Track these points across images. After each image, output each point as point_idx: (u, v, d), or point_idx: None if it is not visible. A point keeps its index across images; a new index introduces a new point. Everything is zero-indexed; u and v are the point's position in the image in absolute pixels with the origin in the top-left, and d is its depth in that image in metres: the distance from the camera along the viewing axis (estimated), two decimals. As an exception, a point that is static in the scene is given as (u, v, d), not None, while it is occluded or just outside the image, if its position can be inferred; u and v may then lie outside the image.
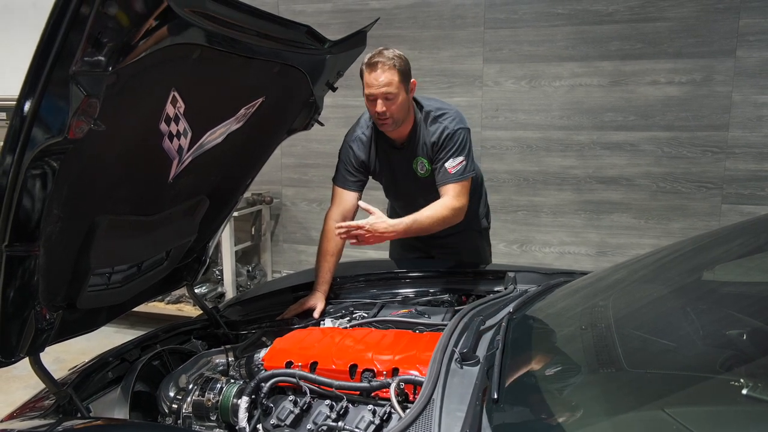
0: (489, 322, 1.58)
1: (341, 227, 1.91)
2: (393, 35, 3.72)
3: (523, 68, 3.55)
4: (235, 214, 3.65)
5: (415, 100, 2.17)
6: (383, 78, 1.99)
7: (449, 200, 2.08)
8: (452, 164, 2.09)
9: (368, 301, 2.14)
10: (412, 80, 2.08)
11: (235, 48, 1.34)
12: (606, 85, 3.42)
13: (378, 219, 1.91)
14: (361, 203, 1.92)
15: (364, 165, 2.22)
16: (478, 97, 3.65)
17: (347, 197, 2.21)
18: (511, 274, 2.14)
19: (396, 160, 2.23)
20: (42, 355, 1.36)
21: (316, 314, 2.01)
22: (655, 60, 3.32)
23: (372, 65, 2.01)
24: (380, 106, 2.02)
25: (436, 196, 2.16)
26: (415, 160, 2.19)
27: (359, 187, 2.23)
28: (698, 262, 1.64)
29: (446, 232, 2.11)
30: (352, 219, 2.23)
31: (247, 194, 3.72)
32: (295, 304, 2.07)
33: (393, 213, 2.64)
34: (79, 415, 1.42)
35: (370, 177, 2.31)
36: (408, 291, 2.24)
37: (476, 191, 2.48)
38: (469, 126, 2.17)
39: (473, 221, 2.49)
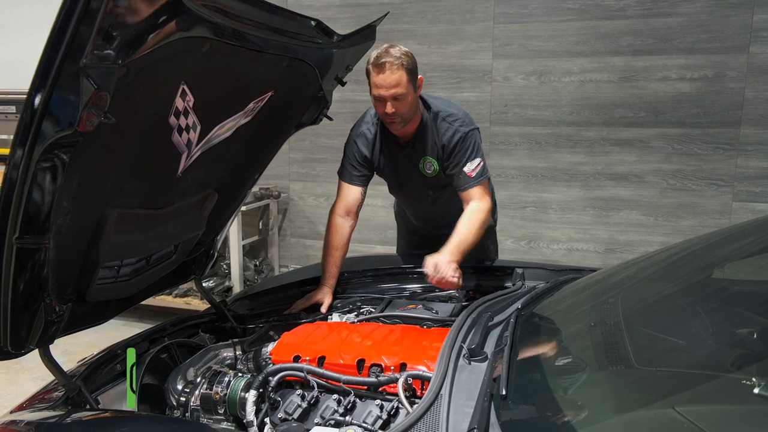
0: (497, 318, 1.58)
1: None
2: (402, 30, 3.71)
3: (532, 63, 3.53)
4: (243, 208, 3.66)
5: (421, 98, 2.14)
6: (392, 79, 1.94)
7: (479, 204, 2.07)
8: (471, 168, 2.08)
9: (376, 296, 2.14)
10: (419, 77, 2.05)
11: (244, 42, 1.34)
12: (616, 81, 3.39)
13: (437, 266, 1.86)
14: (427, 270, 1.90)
15: (368, 161, 2.21)
16: (487, 92, 3.64)
17: (352, 192, 2.21)
18: (519, 271, 2.14)
19: (400, 159, 2.21)
20: (51, 347, 1.37)
21: (323, 309, 2.02)
22: (667, 56, 3.29)
23: (380, 66, 1.94)
24: (389, 108, 1.98)
25: (441, 195, 2.14)
26: (422, 159, 2.17)
27: (364, 182, 2.23)
28: (708, 260, 1.63)
29: (451, 230, 2.09)
30: (357, 213, 2.22)
31: (255, 189, 3.71)
32: (302, 299, 2.07)
33: (399, 209, 2.64)
34: (87, 406, 1.43)
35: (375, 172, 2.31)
36: (415, 286, 2.23)
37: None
38: (477, 125, 2.15)
39: None
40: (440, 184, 2.22)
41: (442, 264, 1.88)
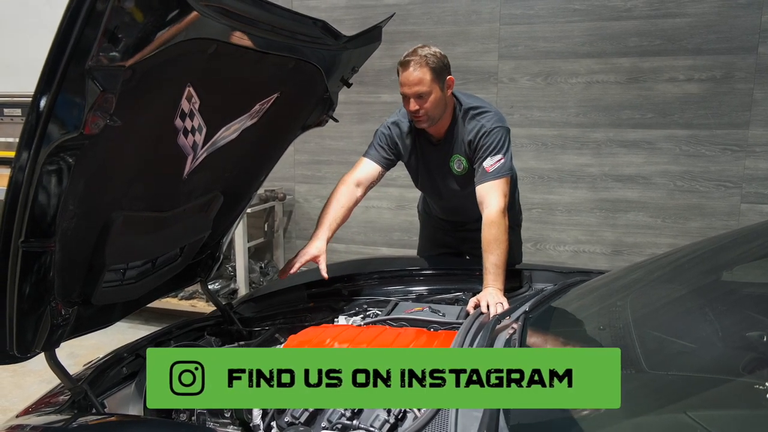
0: (505, 321, 1.57)
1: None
2: (408, 31, 3.71)
3: (538, 65, 3.52)
4: (248, 210, 3.66)
5: (456, 97, 2.14)
6: (414, 77, 1.98)
7: (491, 213, 2.00)
8: (490, 162, 2.06)
9: (382, 298, 2.13)
10: (449, 77, 2.05)
11: (250, 43, 1.33)
12: (623, 82, 3.38)
13: (488, 304, 1.81)
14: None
15: (396, 148, 2.21)
16: (493, 93, 3.62)
17: (370, 167, 2.18)
18: (526, 273, 2.13)
19: (432, 156, 2.21)
20: (57, 349, 1.37)
21: (322, 271, 1.99)
22: (674, 57, 3.27)
23: (404, 63, 2.00)
24: (413, 105, 2.02)
25: (471, 192, 2.12)
26: (453, 158, 2.17)
27: (385, 164, 2.21)
28: (717, 262, 1.61)
29: (477, 226, 2.07)
30: (367, 189, 2.19)
31: (260, 191, 3.72)
32: (293, 258, 2.02)
33: (424, 207, 2.62)
34: (94, 410, 1.42)
35: (402, 163, 2.29)
36: (422, 288, 2.22)
37: (512, 189, 2.42)
38: (508, 126, 2.13)
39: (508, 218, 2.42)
40: (469, 182, 2.19)
41: (491, 299, 1.83)
